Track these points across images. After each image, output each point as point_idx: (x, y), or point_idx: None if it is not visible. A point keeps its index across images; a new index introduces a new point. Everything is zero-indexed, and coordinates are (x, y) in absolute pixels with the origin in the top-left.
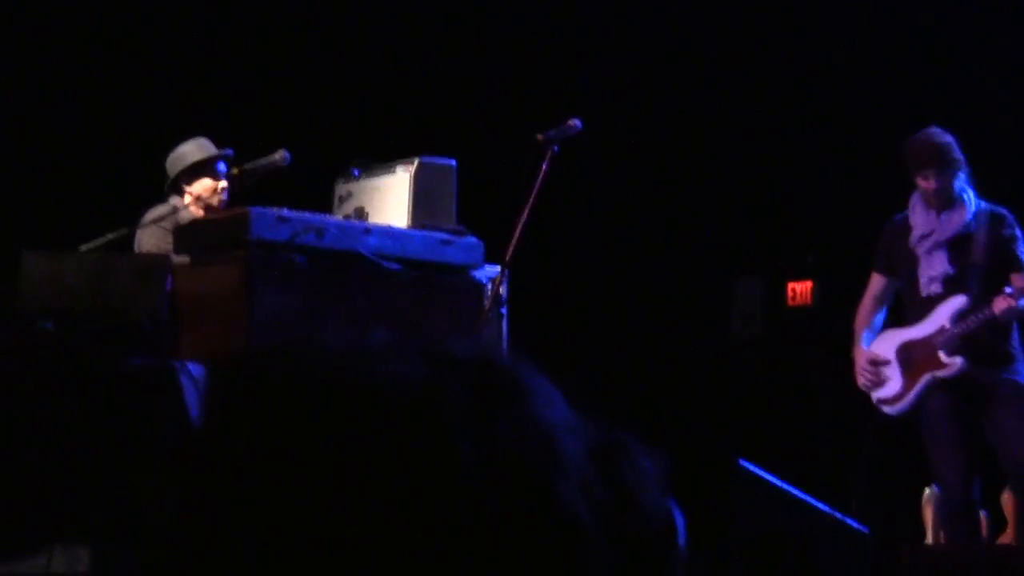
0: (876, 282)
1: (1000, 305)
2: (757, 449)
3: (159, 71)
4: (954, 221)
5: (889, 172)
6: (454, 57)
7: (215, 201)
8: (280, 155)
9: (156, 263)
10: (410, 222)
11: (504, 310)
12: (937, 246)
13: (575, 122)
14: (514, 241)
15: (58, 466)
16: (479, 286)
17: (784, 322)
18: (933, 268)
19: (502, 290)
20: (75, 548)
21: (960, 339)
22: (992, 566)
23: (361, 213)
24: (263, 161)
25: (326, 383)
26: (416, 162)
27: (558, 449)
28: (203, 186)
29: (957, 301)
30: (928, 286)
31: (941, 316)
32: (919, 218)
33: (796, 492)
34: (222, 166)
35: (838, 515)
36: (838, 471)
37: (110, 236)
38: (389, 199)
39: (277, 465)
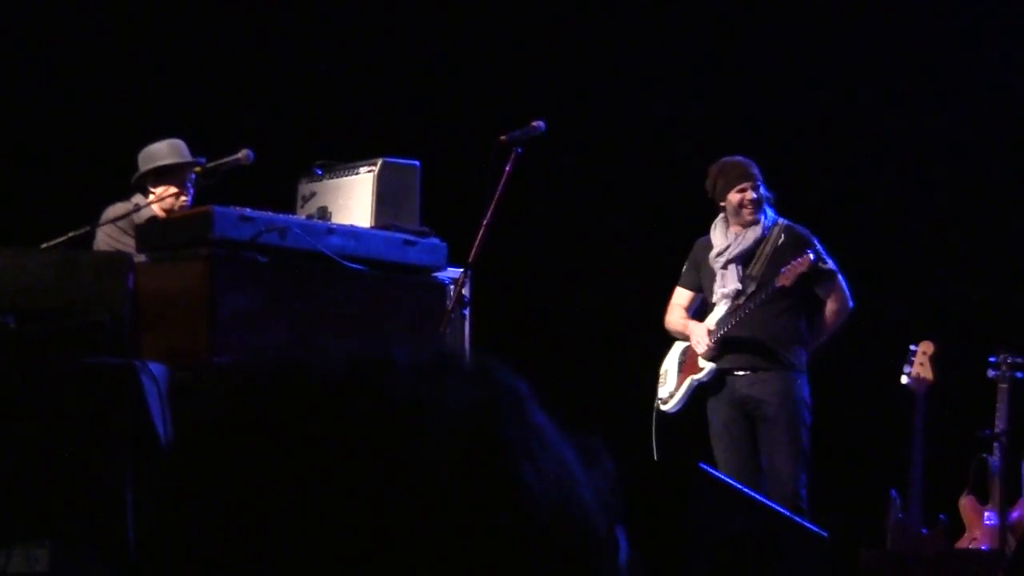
0: (679, 295)
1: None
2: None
3: (123, 69)
4: (748, 237)
5: (851, 175)
6: (419, 58)
7: (176, 207)
8: (244, 154)
9: (118, 261)
10: (373, 222)
11: (467, 311)
12: (730, 262)
13: (539, 123)
14: (477, 242)
15: (17, 464)
16: (442, 287)
17: None
18: (725, 284)
19: (465, 291)
20: (34, 548)
21: (720, 343)
22: (949, 570)
23: (324, 213)
24: (227, 160)
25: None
26: (380, 163)
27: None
28: (167, 191)
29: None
30: (721, 300)
31: (709, 322)
32: (719, 237)
33: (755, 495)
34: (191, 177)
35: (797, 518)
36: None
37: (71, 234)
38: (352, 199)
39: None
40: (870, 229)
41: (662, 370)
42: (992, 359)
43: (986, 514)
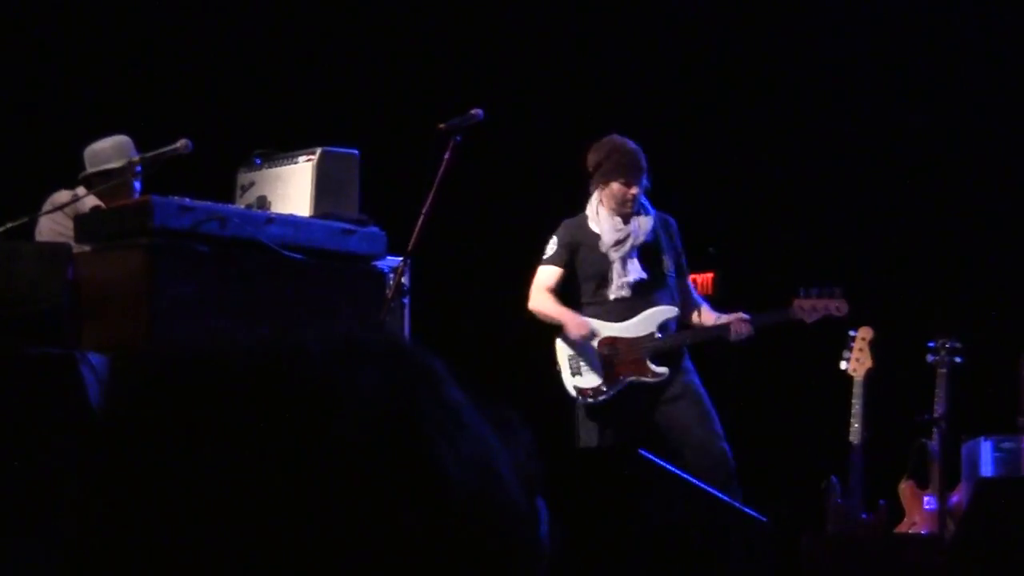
0: (551, 274)
1: (739, 328)
2: (658, 441)
3: (62, 57)
4: (643, 227)
5: (790, 164)
6: (356, 47)
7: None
8: (182, 144)
9: (58, 251)
10: (312, 211)
11: (406, 300)
12: (631, 252)
13: (477, 111)
14: (416, 231)
15: None
16: (381, 276)
17: None
18: (627, 273)
19: (404, 280)
20: None
21: (663, 347)
22: (889, 554)
23: (263, 202)
24: (165, 149)
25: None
26: (318, 152)
27: (467, 436)
28: (111, 191)
29: (665, 311)
30: (619, 290)
31: (650, 323)
32: (606, 223)
33: (697, 482)
34: (137, 171)
35: (738, 505)
36: (740, 462)
37: (10, 224)
38: (291, 188)
39: (194, 458)
40: (808, 215)
41: (566, 356)
42: (931, 344)
43: (925, 498)
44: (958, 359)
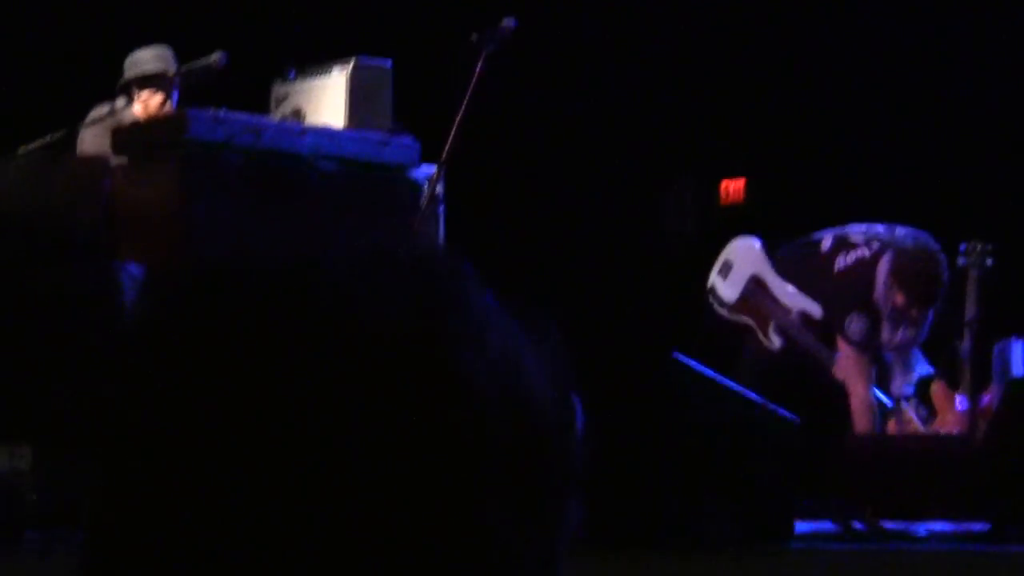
0: None
1: None
2: (690, 343)
3: None
4: None
5: (825, 66)
6: None
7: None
8: (216, 57)
9: (94, 166)
10: (346, 122)
11: (440, 209)
12: None
13: (510, 21)
14: (450, 140)
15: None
16: (416, 185)
17: (718, 220)
18: None
19: (438, 189)
20: (18, 446)
21: None
22: (920, 454)
23: (298, 114)
24: (199, 63)
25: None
26: (352, 62)
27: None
28: (151, 98)
29: None
30: None
31: None
32: None
33: (728, 383)
34: (176, 82)
35: (770, 405)
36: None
37: (49, 138)
38: (325, 100)
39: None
40: (838, 118)
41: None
42: (962, 247)
43: (957, 399)
44: (989, 261)
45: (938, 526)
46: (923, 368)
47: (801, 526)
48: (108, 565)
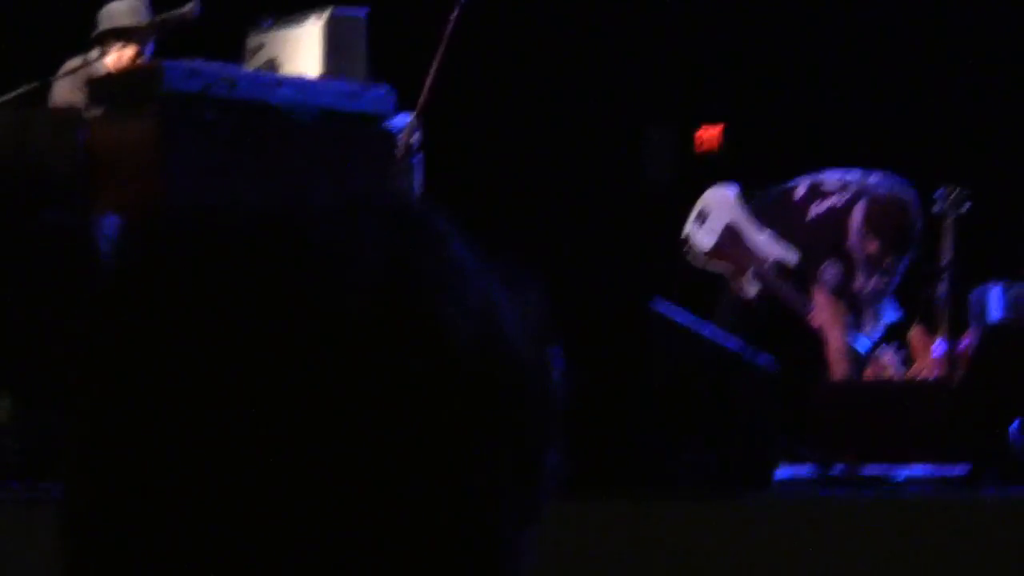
0: None
1: None
2: (667, 291)
3: None
4: None
5: (802, 11)
6: None
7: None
8: (190, 7)
9: (70, 117)
10: (321, 72)
11: (416, 159)
12: None
13: None
14: (426, 90)
15: None
16: (391, 136)
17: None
18: None
19: (415, 139)
20: None
21: None
22: (897, 399)
23: (273, 64)
24: (173, 13)
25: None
26: (327, 12)
27: (471, 294)
28: (126, 50)
29: None
30: None
31: None
32: None
33: (707, 331)
34: (150, 46)
35: (748, 352)
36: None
37: (22, 89)
38: (300, 50)
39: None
40: (814, 60)
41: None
42: (938, 193)
43: (934, 345)
44: (966, 206)
45: (917, 470)
46: (892, 315)
47: (780, 471)
48: (87, 516)
